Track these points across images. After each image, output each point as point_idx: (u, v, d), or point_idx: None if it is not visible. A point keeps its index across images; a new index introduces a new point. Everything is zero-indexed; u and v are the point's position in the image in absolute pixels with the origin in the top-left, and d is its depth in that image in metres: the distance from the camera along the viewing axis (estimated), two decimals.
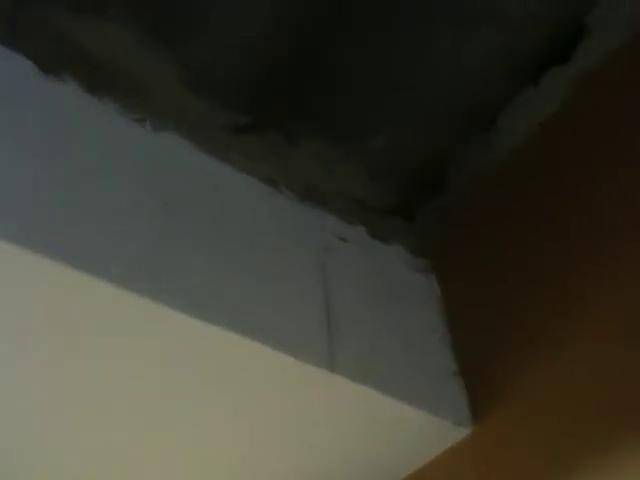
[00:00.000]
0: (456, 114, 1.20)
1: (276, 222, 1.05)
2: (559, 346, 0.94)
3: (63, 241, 0.79)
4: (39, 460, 0.95)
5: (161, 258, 0.86)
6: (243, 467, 0.99)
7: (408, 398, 0.94)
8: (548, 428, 0.90)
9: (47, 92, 0.94)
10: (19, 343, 0.82)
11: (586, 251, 0.98)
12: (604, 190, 0.99)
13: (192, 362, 0.87)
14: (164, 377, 0.89)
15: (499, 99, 1.19)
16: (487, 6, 1.08)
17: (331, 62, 1.12)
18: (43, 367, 0.85)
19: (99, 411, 0.91)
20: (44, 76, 0.95)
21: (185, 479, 1.02)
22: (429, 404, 0.95)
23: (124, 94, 1.01)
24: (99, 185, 0.89)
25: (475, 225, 1.19)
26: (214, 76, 1.09)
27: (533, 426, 0.92)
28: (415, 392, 0.95)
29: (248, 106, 1.13)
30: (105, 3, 1.01)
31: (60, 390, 0.87)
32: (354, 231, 1.14)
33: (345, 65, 1.13)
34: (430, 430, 0.96)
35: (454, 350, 1.07)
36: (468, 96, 1.18)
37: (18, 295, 0.79)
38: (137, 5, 1.02)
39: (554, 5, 1.09)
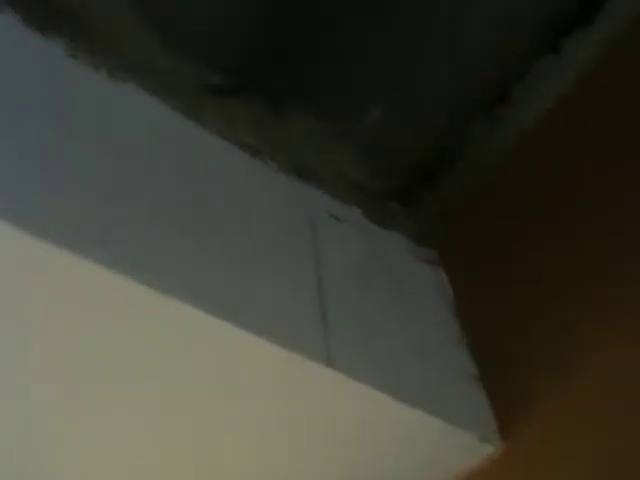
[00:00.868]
0: (462, 89, 1.04)
1: (258, 193, 0.87)
2: (590, 350, 0.78)
3: None
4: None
5: (115, 224, 0.68)
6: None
7: (419, 403, 0.75)
8: (589, 442, 0.73)
9: None
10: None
11: (607, 243, 0.82)
12: (630, 175, 0.83)
13: (173, 350, 0.69)
14: (148, 371, 0.71)
15: (513, 71, 1.03)
16: None
17: (324, 26, 0.96)
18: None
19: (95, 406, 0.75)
20: None
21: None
22: (445, 412, 0.77)
23: (73, 33, 0.83)
24: (39, 134, 0.70)
25: (484, 213, 1.03)
26: (189, 27, 0.92)
27: (572, 440, 0.74)
28: (428, 396, 0.77)
29: (228, 68, 0.96)
30: None
31: (56, 386, 0.73)
32: (349, 211, 0.97)
33: (341, 31, 0.96)
34: (448, 445, 0.77)
35: (470, 350, 0.88)
36: (477, 68, 1.03)
37: None
38: None
39: None
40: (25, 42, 0.79)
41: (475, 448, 0.78)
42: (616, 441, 0.70)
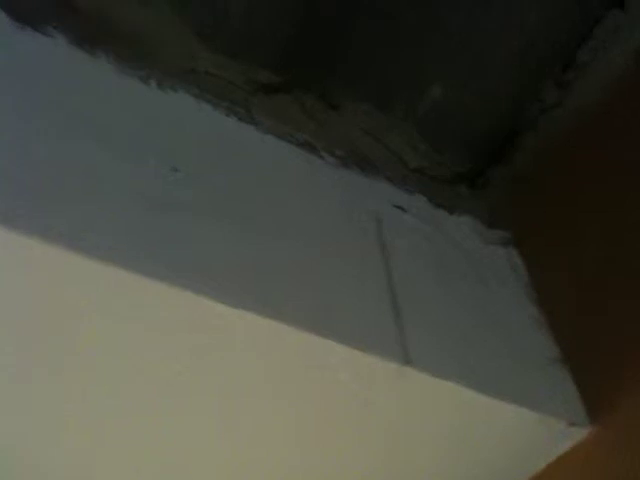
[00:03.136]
0: (525, 55, 0.99)
1: (318, 190, 0.86)
2: None
3: (50, 217, 0.61)
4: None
5: (175, 234, 0.68)
6: None
7: (505, 394, 0.73)
8: None
9: (26, 47, 0.77)
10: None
11: None
12: None
13: (229, 361, 0.69)
14: (194, 378, 0.71)
15: (576, 31, 0.98)
16: None
17: (372, 5, 0.93)
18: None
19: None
20: (21, 29, 0.78)
21: None
22: (532, 400, 0.74)
23: (120, 48, 0.82)
24: (92, 152, 0.71)
25: (561, 187, 0.97)
26: (230, 26, 0.91)
27: None
28: (512, 386, 0.75)
29: (274, 62, 0.94)
30: None
31: (61, 392, 0.72)
32: (412, 200, 0.94)
33: (392, 9, 0.93)
34: (537, 433, 0.75)
35: (551, 333, 0.85)
36: (539, 32, 0.98)
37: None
38: None
39: None
40: (72, 62, 0.80)
41: (564, 434, 0.75)
42: None
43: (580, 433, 0.75)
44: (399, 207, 0.91)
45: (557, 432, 0.75)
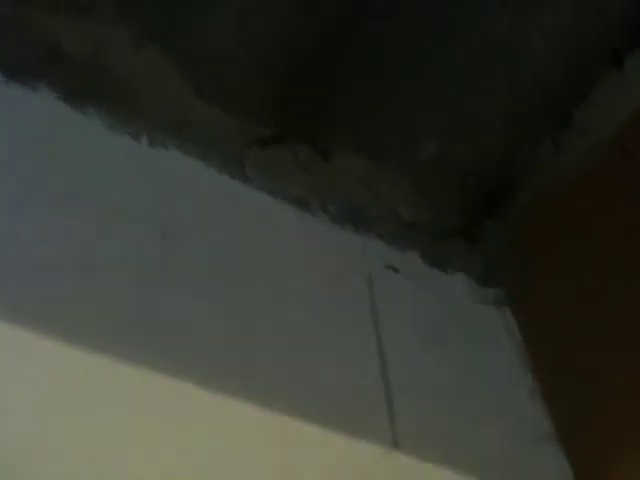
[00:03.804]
0: (521, 113, 0.98)
1: (310, 251, 0.84)
2: None
3: (24, 296, 0.59)
4: None
5: (160, 312, 0.66)
6: None
7: (494, 476, 0.71)
8: None
9: (14, 102, 0.75)
10: None
11: None
12: None
13: (206, 445, 0.66)
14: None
15: (573, 90, 0.97)
16: None
17: (364, 56, 0.91)
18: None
19: None
20: (11, 84, 0.76)
21: None
22: None
23: (110, 103, 0.80)
24: (82, 222, 0.69)
25: (555, 243, 0.96)
26: (223, 80, 0.89)
27: None
28: (503, 468, 0.73)
29: (268, 115, 0.92)
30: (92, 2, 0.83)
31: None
32: (405, 257, 0.92)
33: (385, 60, 0.92)
34: None
35: (545, 405, 0.83)
36: (535, 89, 0.96)
37: None
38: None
39: None
40: (61, 119, 0.78)
41: None
42: None
43: None
44: (391, 267, 0.89)
45: None
